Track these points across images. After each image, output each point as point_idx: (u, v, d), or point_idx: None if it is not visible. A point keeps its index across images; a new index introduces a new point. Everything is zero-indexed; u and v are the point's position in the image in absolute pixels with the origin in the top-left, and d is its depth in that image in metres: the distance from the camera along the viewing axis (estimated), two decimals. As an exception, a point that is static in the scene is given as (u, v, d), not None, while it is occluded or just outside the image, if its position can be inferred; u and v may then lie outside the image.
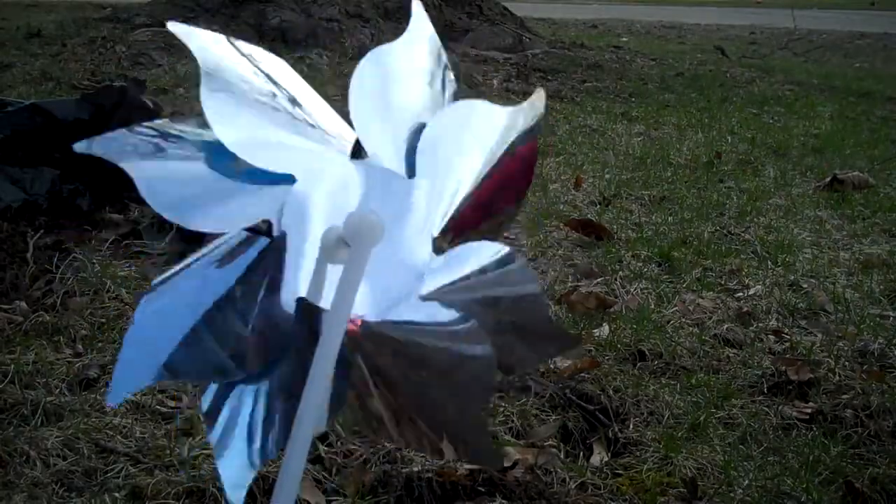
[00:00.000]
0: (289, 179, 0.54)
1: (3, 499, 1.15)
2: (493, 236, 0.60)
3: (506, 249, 0.59)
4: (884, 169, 3.43)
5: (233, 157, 0.52)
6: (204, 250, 0.55)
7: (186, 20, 5.51)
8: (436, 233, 0.58)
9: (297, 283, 0.55)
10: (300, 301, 0.54)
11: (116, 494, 1.17)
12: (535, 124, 0.59)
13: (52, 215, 2.10)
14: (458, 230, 0.58)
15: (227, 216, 0.53)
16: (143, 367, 0.52)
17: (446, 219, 0.58)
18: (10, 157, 2.19)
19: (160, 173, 0.53)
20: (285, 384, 0.54)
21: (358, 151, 0.56)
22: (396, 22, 5.82)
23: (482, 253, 0.59)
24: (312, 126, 0.56)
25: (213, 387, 0.55)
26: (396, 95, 0.56)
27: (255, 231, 0.54)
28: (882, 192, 3.11)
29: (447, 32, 5.94)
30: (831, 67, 7.27)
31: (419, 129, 0.56)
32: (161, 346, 0.52)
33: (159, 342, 0.52)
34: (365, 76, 0.55)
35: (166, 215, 0.52)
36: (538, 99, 0.59)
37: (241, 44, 0.55)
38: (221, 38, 0.54)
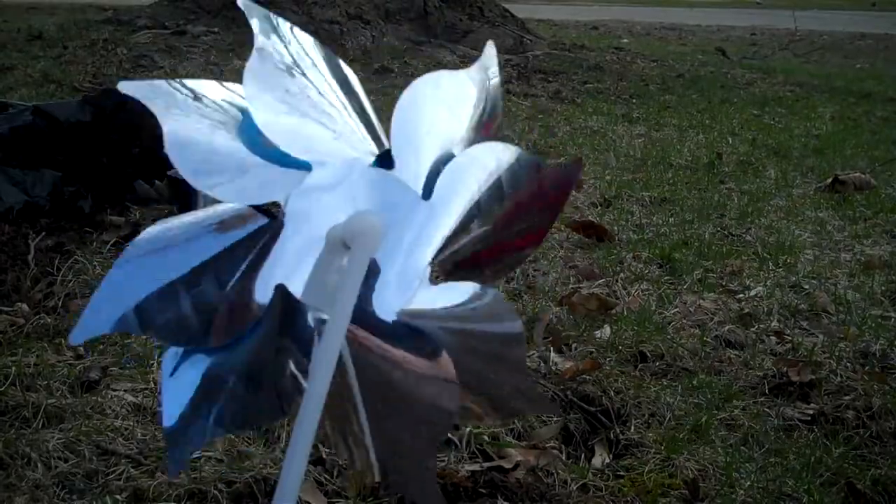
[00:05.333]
0: (306, 167, 0.54)
1: (4, 501, 1.15)
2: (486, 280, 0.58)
3: (491, 289, 0.57)
4: (885, 170, 3.43)
5: (259, 132, 0.53)
6: (200, 214, 0.56)
7: (188, 22, 5.52)
8: (429, 258, 0.57)
9: (282, 271, 0.55)
10: (279, 287, 0.54)
11: (118, 496, 1.17)
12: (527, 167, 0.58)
13: (54, 217, 2.11)
14: (460, 267, 0.58)
15: (240, 188, 0.54)
16: (114, 309, 0.53)
17: (438, 249, 0.57)
18: (12, 159, 2.19)
19: (189, 134, 0.53)
20: (242, 365, 0.54)
21: (384, 160, 0.56)
22: (397, 24, 5.83)
23: (466, 292, 0.57)
24: (343, 121, 0.56)
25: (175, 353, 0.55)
26: (442, 122, 0.56)
27: (260, 210, 0.55)
28: (883, 192, 3.11)
29: (448, 34, 5.95)
30: (832, 68, 7.27)
31: (447, 158, 0.56)
32: (136, 292, 0.53)
33: (136, 288, 0.53)
34: (421, 94, 0.55)
35: (183, 172, 0.53)
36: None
37: (298, 31, 0.57)
38: (281, 21, 0.56)
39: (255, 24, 0.54)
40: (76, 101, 2.39)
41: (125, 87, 0.53)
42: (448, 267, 0.58)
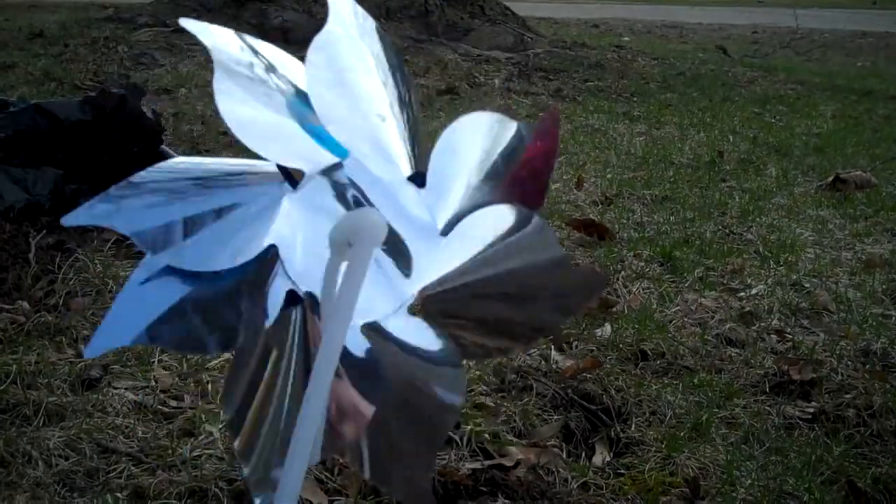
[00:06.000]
0: (342, 154, 0.55)
1: (5, 499, 1.15)
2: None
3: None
4: (886, 168, 3.43)
5: (311, 109, 0.53)
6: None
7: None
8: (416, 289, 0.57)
9: (280, 233, 0.55)
10: (271, 247, 0.54)
11: (119, 495, 1.17)
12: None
13: (55, 215, 2.10)
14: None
15: (275, 144, 0.54)
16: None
17: (438, 289, 0.57)
18: (13, 157, 2.19)
19: (240, 84, 0.53)
20: (209, 299, 0.54)
21: (416, 177, 0.55)
22: (398, 22, 5.83)
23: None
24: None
25: (154, 266, 0.55)
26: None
27: (284, 172, 0.55)
28: (884, 191, 3.11)
29: (449, 32, 5.94)
30: (833, 66, 7.26)
31: (473, 208, 0.55)
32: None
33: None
34: (467, 134, 0.54)
35: (221, 107, 0.52)
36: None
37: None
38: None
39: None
40: (77, 100, 2.39)
41: (187, 22, 0.53)
42: (433, 308, 0.57)
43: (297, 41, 5.48)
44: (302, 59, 0.54)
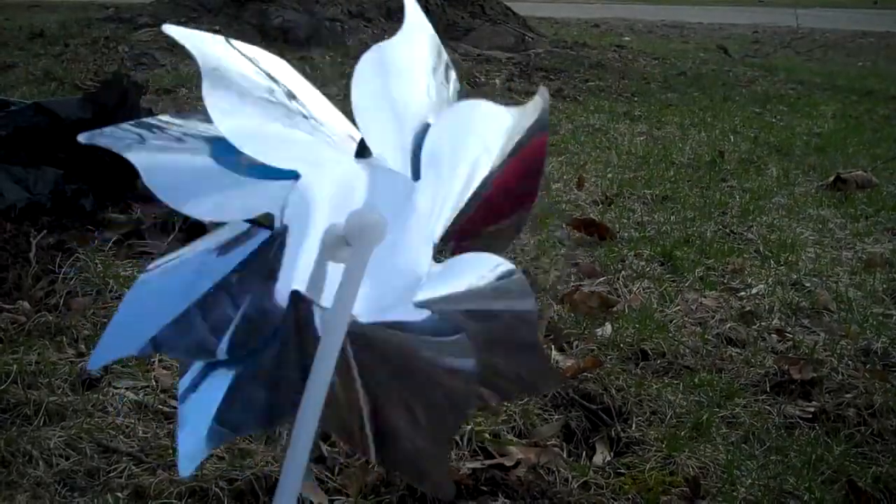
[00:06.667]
0: (293, 175, 0.54)
1: (6, 499, 1.15)
2: (496, 247, 0.58)
3: (507, 265, 0.58)
4: (887, 168, 3.43)
5: (237, 152, 0.53)
6: (204, 239, 0.56)
7: (189, 20, 5.52)
8: (437, 238, 0.57)
9: (294, 277, 0.55)
10: (294, 293, 0.54)
11: (119, 494, 1.17)
12: (539, 121, 0.58)
13: (55, 215, 2.11)
14: (462, 235, 0.58)
15: (228, 206, 0.54)
16: (131, 337, 0.53)
17: (449, 223, 0.57)
18: (14, 156, 2.19)
19: (163, 162, 0.53)
20: (263, 370, 0.54)
21: (362, 150, 0.56)
22: (398, 22, 5.81)
23: (481, 266, 0.58)
24: (315, 124, 0.56)
25: (196, 366, 0.55)
26: (399, 93, 0.56)
27: (256, 223, 0.55)
28: (885, 190, 3.11)
29: (449, 32, 5.94)
30: (834, 66, 7.26)
31: (424, 130, 0.55)
32: (151, 322, 0.53)
33: (150, 318, 0.53)
34: (366, 73, 0.54)
35: (166, 200, 0.52)
36: (542, 97, 0.59)
37: (239, 44, 0.56)
38: (220, 38, 0.55)
39: (191, 46, 0.54)
40: (77, 99, 2.39)
41: (84, 138, 0.52)
42: (453, 242, 0.57)
43: (296, 41, 5.48)
44: (302, 59, 0.55)
